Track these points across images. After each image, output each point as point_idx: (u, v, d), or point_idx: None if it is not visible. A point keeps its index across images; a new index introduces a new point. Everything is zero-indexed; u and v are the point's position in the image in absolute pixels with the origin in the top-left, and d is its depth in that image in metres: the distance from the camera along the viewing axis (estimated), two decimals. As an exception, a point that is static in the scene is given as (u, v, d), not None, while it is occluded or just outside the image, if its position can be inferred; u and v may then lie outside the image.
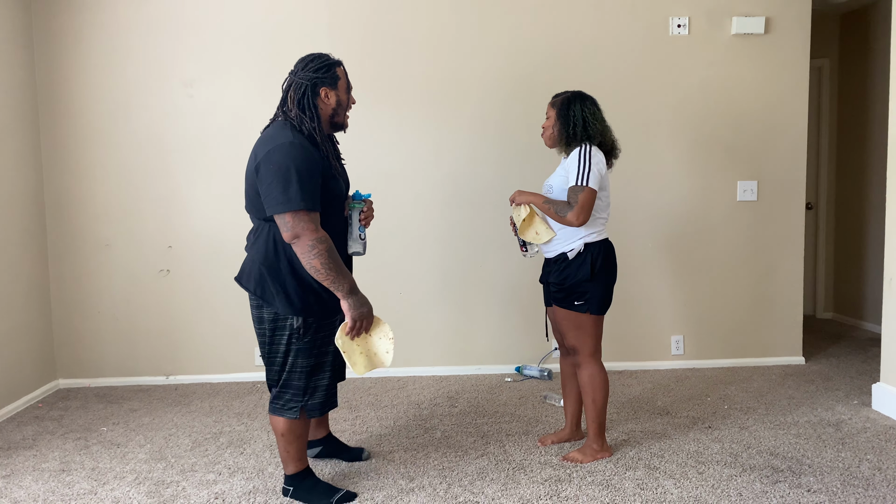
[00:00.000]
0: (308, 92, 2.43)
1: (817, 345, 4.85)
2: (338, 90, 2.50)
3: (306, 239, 2.29)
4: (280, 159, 2.28)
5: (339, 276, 2.33)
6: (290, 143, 2.31)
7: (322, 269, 2.31)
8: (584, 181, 2.70)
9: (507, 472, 2.83)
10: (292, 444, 2.55)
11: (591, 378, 2.89)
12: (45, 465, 3.01)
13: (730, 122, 4.25)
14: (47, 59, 4.04)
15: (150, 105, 4.09)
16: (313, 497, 2.59)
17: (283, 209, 2.27)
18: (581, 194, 2.69)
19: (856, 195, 5.44)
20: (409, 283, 4.24)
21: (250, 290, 2.47)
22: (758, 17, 4.14)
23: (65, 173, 4.10)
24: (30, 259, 3.95)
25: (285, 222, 2.29)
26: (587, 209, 2.70)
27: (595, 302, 2.82)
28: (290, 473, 2.61)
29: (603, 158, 2.79)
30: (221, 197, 4.14)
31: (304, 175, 2.29)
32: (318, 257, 2.29)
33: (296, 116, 2.43)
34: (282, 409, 2.51)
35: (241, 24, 4.07)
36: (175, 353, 4.23)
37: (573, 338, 2.90)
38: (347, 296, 2.37)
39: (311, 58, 2.49)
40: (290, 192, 2.26)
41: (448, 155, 4.19)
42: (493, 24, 4.13)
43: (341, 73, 2.52)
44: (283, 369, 2.49)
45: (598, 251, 2.82)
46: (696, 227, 4.30)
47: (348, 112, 2.60)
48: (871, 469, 2.80)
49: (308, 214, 2.29)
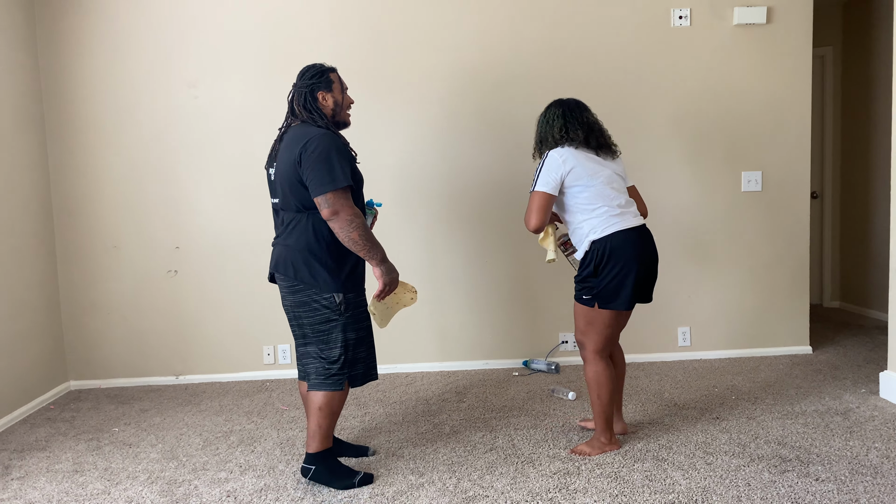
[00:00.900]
0: (308, 97, 2.72)
1: (824, 334, 4.85)
2: (333, 92, 2.76)
3: (345, 214, 2.54)
4: (319, 146, 2.55)
5: (374, 246, 2.61)
6: (323, 133, 2.60)
7: (360, 240, 2.57)
8: (532, 187, 2.86)
9: (515, 466, 2.85)
10: (327, 418, 2.70)
11: (595, 375, 2.90)
12: (59, 466, 3.05)
13: (733, 113, 4.25)
14: (52, 63, 4.06)
15: (155, 107, 4.11)
16: (334, 478, 2.70)
17: (328, 188, 2.52)
18: (531, 199, 2.85)
19: (861, 184, 5.43)
20: (417, 278, 4.26)
21: (290, 277, 2.66)
22: (759, 7, 4.13)
23: (72, 176, 4.13)
24: (39, 262, 3.98)
25: (327, 200, 2.53)
26: (532, 211, 2.82)
27: (601, 295, 2.83)
28: (313, 451, 2.70)
29: (557, 158, 2.82)
30: (227, 197, 4.16)
31: (342, 157, 2.58)
32: (356, 229, 2.56)
33: (307, 118, 2.70)
34: (325, 382, 2.68)
35: (243, 26, 4.09)
36: (184, 353, 4.27)
37: (581, 333, 2.92)
38: (381, 263, 2.64)
39: (307, 68, 2.77)
40: (333, 172, 2.53)
41: (454, 150, 4.20)
42: (495, 19, 4.14)
43: (334, 78, 2.78)
44: (328, 345, 2.68)
45: (603, 246, 2.81)
46: (700, 219, 4.30)
47: (348, 111, 2.84)
48: (879, 457, 2.81)
49: (346, 192, 2.56)
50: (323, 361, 2.69)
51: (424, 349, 4.34)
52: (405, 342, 4.32)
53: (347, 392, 2.75)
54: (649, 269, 2.90)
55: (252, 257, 4.18)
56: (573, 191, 2.84)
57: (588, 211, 2.83)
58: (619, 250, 2.81)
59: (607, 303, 2.85)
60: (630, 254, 2.81)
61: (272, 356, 4.28)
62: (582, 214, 2.85)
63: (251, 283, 4.21)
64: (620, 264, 2.81)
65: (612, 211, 2.83)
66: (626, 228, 2.83)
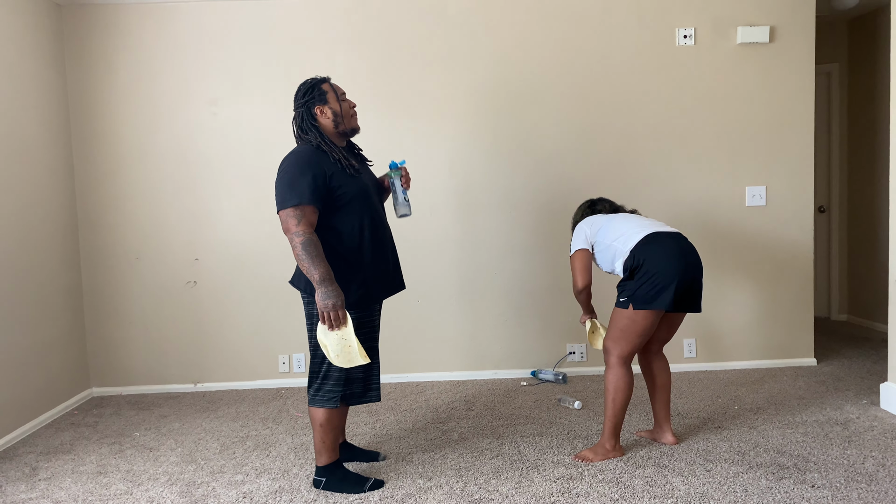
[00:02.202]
0: (305, 115, 2.74)
1: (831, 346, 4.91)
2: (329, 103, 2.75)
3: (289, 233, 2.56)
4: (283, 165, 2.62)
5: (311, 266, 2.53)
6: (290, 153, 2.65)
7: (298, 259, 2.56)
8: (571, 252, 3.21)
9: (521, 471, 2.95)
10: (329, 434, 2.77)
11: (615, 380, 3.00)
12: (83, 468, 3.18)
13: (737, 129, 4.35)
14: (78, 81, 4.24)
15: (177, 123, 4.28)
16: (345, 486, 2.80)
17: (277, 208, 2.59)
18: (571, 263, 3.20)
19: (868, 198, 5.49)
20: (427, 289, 4.38)
21: (301, 289, 2.72)
22: (762, 27, 4.24)
23: (96, 189, 4.30)
24: (65, 272, 4.14)
25: (280, 217, 2.59)
26: (576, 270, 3.17)
27: (635, 296, 2.91)
28: (322, 464, 2.80)
29: (583, 224, 3.22)
30: (245, 210, 4.31)
31: (296, 176, 2.57)
32: (295, 248, 2.55)
33: (303, 139, 2.74)
34: (322, 399, 2.73)
35: (262, 44, 4.25)
36: (202, 361, 4.41)
37: (612, 339, 3.00)
38: (318, 285, 2.55)
39: (299, 87, 2.78)
40: (286, 191, 2.56)
41: (463, 164, 4.33)
42: (504, 37, 4.27)
43: (327, 88, 2.76)
44: (324, 360, 2.71)
45: (630, 262, 2.96)
46: (705, 232, 4.39)
47: (354, 116, 2.82)
48: (875, 465, 2.88)
49: (296, 210, 2.55)
50: (315, 375, 2.75)
51: (434, 359, 4.45)
52: (415, 352, 4.43)
53: (346, 409, 2.80)
54: (689, 273, 2.93)
55: (268, 270, 4.32)
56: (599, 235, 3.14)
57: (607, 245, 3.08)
58: (646, 261, 2.91)
59: (645, 304, 2.89)
60: (652, 260, 2.90)
61: (287, 365, 4.40)
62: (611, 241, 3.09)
63: (267, 295, 4.35)
64: (656, 264, 2.89)
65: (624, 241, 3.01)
66: (657, 231, 2.98)
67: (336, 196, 2.64)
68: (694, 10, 4.28)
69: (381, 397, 2.85)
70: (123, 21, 4.21)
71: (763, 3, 4.28)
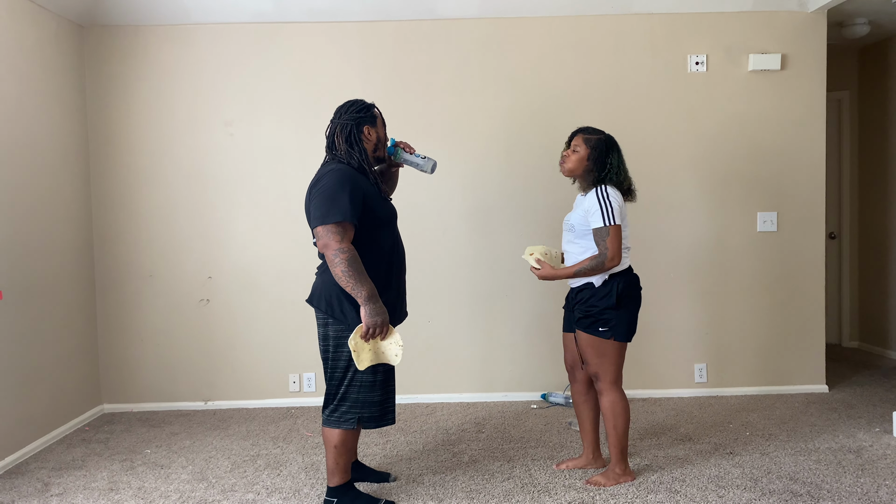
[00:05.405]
0: (353, 130, 2.74)
1: (842, 373, 4.89)
2: (377, 127, 2.81)
3: (331, 249, 2.56)
4: (329, 181, 2.61)
5: (359, 284, 2.55)
6: (331, 170, 2.65)
7: (343, 276, 2.55)
8: (610, 220, 2.87)
9: (532, 495, 2.94)
10: (343, 455, 2.76)
11: (612, 405, 2.99)
12: (95, 484, 3.19)
13: (748, 156, 4.37)
14: (98, 101, 4.31)
15: (193, 144, 4.33)
16: None
17: (316, 224, 2.58)
18: (610, 234, 2.86)
19: (879, 225, 5.49)
20: (438, 311, 4.39)
21: (321, 309, 2.72)
22: (774, 54, 4.28)
23: (112, 207, 4.34)
24: (79, 289, 4.18)
25: (317, 234, 2.58)
26: (618, 245, 2.88)
27: (619, 329, 2.94)
28: (334, 485, 2.79)
29: (619, 193, 2.97)
30: (258, 230, 4.35)
31: (337, 192, 2.57)
32: (338, 265, 2.55)
33: (345, 153, 2.72)
34: (338, 420, 2.73)
35: (277, 68, 4.31)
36: (213, 379, 4.42)
37: (596, 364, 3.00)
38: (366, 302, 2.58)
39: (351, 102, 2.80)
40: (329, 207, 2.56)
41: (475, 188, 4.36)
42: (517, 64, 4.32)
43: (377, 113, 2.84)
44: (341, 383, 2.71)
45: (623, 280, 2.95)
46: (716, 258, 4.40)
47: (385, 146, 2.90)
48: (889, 494, 2.87)
49: (339, 227, 2.56)
50: (332, 397, 2.75)
51: (445, 381, 4.45)
52: (426, 373, 4.43)
53: (360, 430, 2.79)
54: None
55: (279, 290, 4.35)
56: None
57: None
58: (634, 286, 3.03)
59: (626, 336, 2.98)
60: (639, 291, 3.06)
61: (297, 384, 4.41)
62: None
63: (278, 314, 4.37)
64: (637, 300, 3.03)
65: (627, 250, 3.03)
66: (631, 267, 3.05)
67: (370, 217, 2.67)
68: (706, 38, 4.32)
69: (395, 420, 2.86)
70: (143, 42, 4.28)
71: (775, 30, 4.32)
